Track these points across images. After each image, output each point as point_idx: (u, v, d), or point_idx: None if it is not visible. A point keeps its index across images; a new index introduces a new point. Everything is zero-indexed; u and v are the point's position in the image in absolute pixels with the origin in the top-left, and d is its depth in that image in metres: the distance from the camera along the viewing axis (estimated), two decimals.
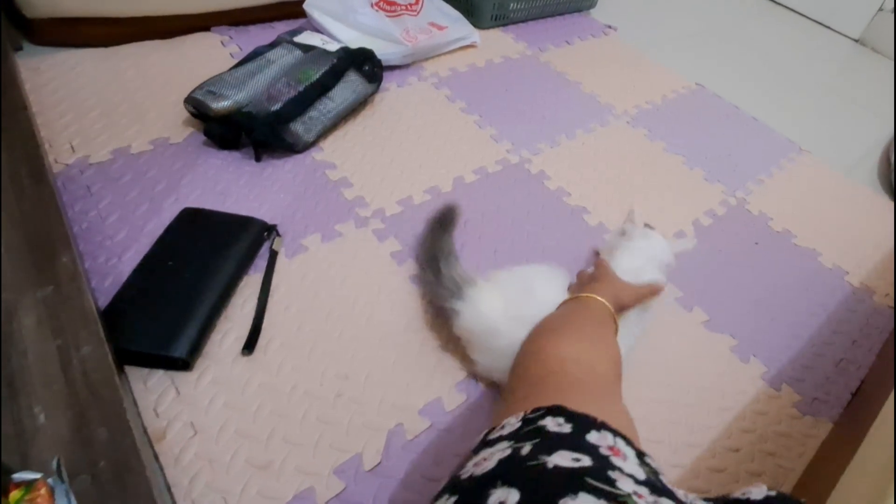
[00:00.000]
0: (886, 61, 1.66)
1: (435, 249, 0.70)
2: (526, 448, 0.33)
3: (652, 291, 0.64)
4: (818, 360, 0.77)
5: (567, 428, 0.35)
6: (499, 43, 1.29)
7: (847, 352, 0.79)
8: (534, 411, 0.38)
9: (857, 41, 1.75)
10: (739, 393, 0.71)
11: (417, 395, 0.63)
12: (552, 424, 0.35)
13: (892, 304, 0.88)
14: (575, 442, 0.33)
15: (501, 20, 1.34)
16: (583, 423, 0.36)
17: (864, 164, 1.20)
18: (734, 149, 1.13)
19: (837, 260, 0.93)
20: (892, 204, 1.09)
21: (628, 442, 0.36)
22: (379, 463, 0.57)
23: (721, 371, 0.73)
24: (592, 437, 0.34)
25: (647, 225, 0.75)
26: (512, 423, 0.38)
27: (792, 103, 1.35)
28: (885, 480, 0.48)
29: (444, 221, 0.76)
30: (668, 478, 0.60)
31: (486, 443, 0.37)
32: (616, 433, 0.35)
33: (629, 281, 0.63)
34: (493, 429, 0.39)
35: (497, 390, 0.65)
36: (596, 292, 0.58)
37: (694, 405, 0.68)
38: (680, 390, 0.69)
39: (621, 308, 0.59)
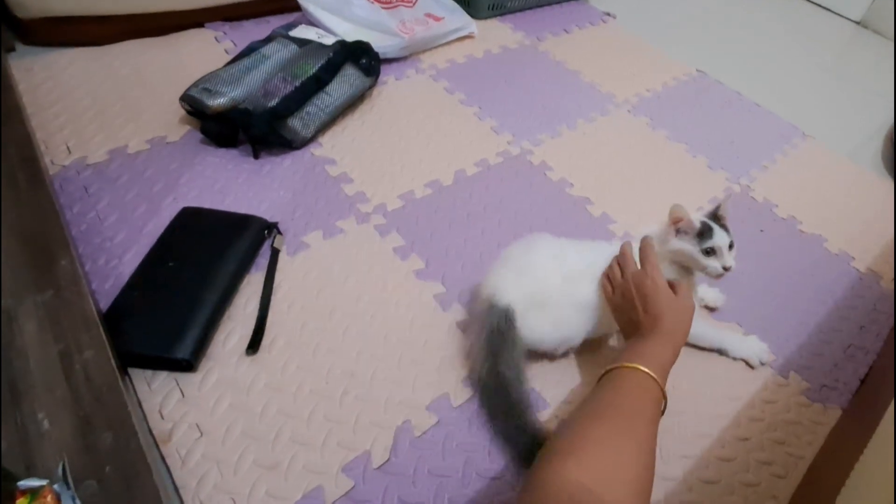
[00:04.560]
0: (888, 43, 1.64)
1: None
2: None
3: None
4: (826, 347, 0.76)
5: None
6: (496, 33, 1.28)
7: (855, 338, 0.79)
8: None
9: (858, 23, 1.73)
10: (747, 381, 0.70)
11: (424, 391, 0.62)
12: None
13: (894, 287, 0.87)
14: None
15: (498, 9, 1.33)
16: None
17: (868, 148, 1.19)
18: (737, 135, 1.12)
19: (844, 245, 0.92)
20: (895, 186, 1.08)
21: None
22: (387, 460, 0.56)
23: (729, 360, 0.72)
24: None
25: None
26: None
27: (794, 88, 1.33)
28: None
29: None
30: (677, 468, 0.60)
31: None
32: None
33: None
34: None
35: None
36: (645, 360, 0.50)
37: (702, 395, 0.68)
38: (688, 380, 0.69)
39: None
